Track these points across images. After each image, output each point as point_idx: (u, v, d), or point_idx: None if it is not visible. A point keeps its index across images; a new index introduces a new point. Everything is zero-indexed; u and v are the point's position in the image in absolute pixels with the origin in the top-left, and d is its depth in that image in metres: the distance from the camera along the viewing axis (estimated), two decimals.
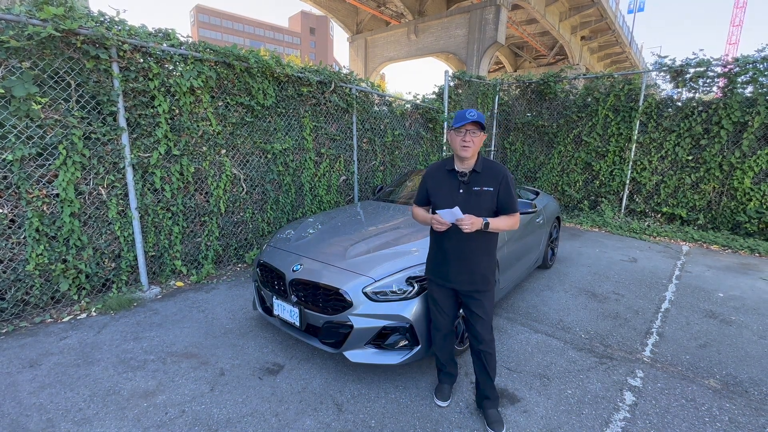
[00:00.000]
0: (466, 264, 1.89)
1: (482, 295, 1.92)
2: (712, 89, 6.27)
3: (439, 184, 1.95)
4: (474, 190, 1.85)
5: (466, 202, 1.84)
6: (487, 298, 1.92)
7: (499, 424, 1.94)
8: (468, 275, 1.90)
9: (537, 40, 27.96)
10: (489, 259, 1.92)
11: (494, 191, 1.84)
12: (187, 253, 3.90)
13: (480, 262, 1.89)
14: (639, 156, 6.83)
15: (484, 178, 1.85)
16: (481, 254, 1.89)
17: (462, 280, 1.92)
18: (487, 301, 1.92)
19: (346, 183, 5.54)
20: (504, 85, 8.51)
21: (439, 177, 1.96)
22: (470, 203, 1.83)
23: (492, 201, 1.85)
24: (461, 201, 1.84)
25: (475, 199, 1.84)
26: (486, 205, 1.84)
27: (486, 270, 1.91)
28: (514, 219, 1.87)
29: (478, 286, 1.91)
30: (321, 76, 4.81)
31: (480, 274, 1.90)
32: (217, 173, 3.99)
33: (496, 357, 2.00)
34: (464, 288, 1.93)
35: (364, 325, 2.15)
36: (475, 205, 1.83)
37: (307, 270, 2.38)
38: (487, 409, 2.00)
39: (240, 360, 2.49)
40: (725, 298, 3.77)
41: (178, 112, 3.60)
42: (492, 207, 1.86)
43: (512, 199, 1.85)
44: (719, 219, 6.24)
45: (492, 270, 1.94)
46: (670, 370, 2.51)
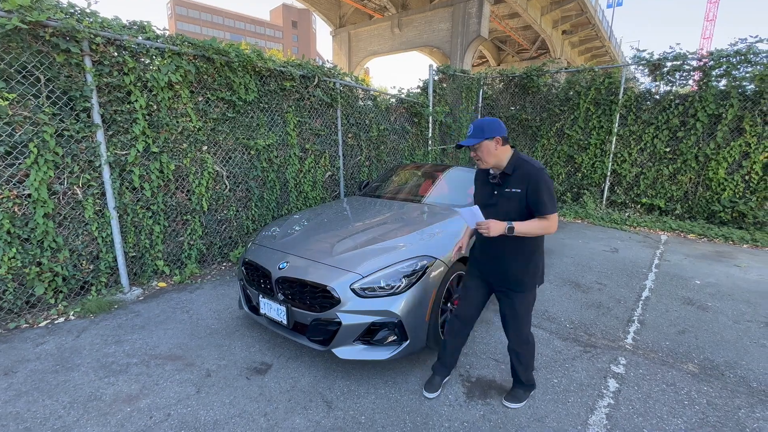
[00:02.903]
0: (499, 264, 1.94)
1: (514, 296, 1.94)
2: (688, 82, 6.44)
3: (482, 185, 2.03)
4: (505, 191, 1.86)
5: (498, 203, 1.87)
6: (519, 300, 1.93)
7: (512, 398, 2.08)
8: (501, 274, 1.95)
9: (519, 34, 28.16)
10: (524, 261, 1.90)
11: (522, 193, 1.81)
12: (169, 253, 3.81)
13: (512, 264, 1.90)
14: (619, 148, 6.98)
15: (514, 179, 1.83)
16: (513, 256, 1.89)
17: (495, 277, 1.98)
18: (518, 303, 1.93)
19: (331, 179, 5.50)
20: (488, 78, 8.55)
21: (482, 179, 2.03)
22: (501, 205, 1.86)
23: (521, 203, 1.82)
24: (495, 202, 1.89)
25: (505, 202, 1.86)
26: (515, 207, 1.83)
27: (520, 272, 1.90)
28: (547, 222, 1.78)
29: (510, 286, 1.93)
30: (304, 70, 4.74)
31: (513, 275, 1.91)
32: (199, 170, 3.89)
33: (531, 355, 2.05)
34: (496, 284, 1.99)
35: (353, 321, 2.13)
36: (506, 208, 1.85)
37: (294, 267, 2.35)
38: (513, 383, 2.14)
39: (226, 360, 2.45)
40: (702, 285, 3.90)
41: (156, 108, 3.49)
42: (521, 209, 1.83)
43: (542, 201, 1.76)
44: (695, 209, 6.44)
45: (530, 273, 1.91)
46: (651, 356, 2.58)
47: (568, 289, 3.72)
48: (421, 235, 2.59)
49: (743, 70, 5.90)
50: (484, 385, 2.26)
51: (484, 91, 8.56)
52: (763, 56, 5.70)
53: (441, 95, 7.48)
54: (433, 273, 2.31)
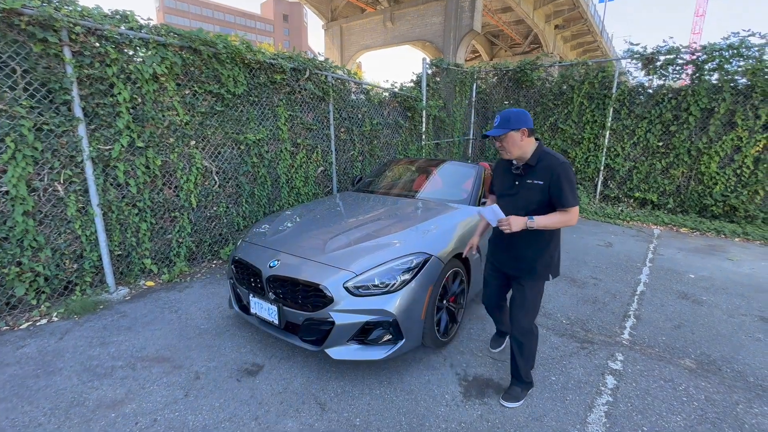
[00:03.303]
0: (513, 252, 2.00)
1: (525, 283, 1.98)
2: (681, 76, 6.44)
3: (502, 174, 2.05)
4: (527, 183, 1.88)
5: (518, 194, 1.91)
6: (529, 288, 1.97)
7: (509, 397, 2.05)
8: (514, 262, 2.01)
9: (512, 28, 28.11)
10: (538, 250, 1.93)
11: (545, 185, 1.83)
12: (157, 251, 3.70)
13: (526, 252, 1.95)
14: (612, 143, 6.98)
15: (537, 171, 1.86)
16: (526, 245, 1.94)
17: (509, 266, 2.05)
18: (529, 290, 1.97)
19: (324, 174, 5.40)
20: (481, 72, 8.49)
21: (503, 168, 2.06)
22: (522, 195, 1.90)
23: (542, 195, 1.84)
24: (515, 193, 1.93)
25: (525, 192, 1.89)
26: (536, 198, 1.86)
27: (534, 261, 1.94)
28: (568, 215, 1.81)
29: (522, 272, 1.99)
30: (295, 62, 4.62)
31: (526, 263, 1.96)
32: (187, 166, 3.78)
33: (533, 347, 2.05)
34: (510, 272, 2.06)
35: (346, 321, 2.07)
36: (526, 198, 1.88)
37: (285, 265, 2.27)
38: (511, 381, 2.12)
39: (216, 362, 2.37)
40: (696, 279, 3.91)
41: (141, 101, 3.37)
42: (543, 201, 1.85)
43: (563, 194, 1.79)
44: (687, 203, 6.47)
45: (543, 262, 1.94)
46: (648, 352, 2.56)
47: (564, 284, 3.70)
48: (416, 231, 2.52)
49: (735, 64, 5.91)
50: (482, 383, 2.21)
51: (478, 85, 8.50)
52: (755, 50, 5.71)
53: (434, 89, 7.40)
54: (429, 270, 2.25)
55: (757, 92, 5.68)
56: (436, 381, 2.22)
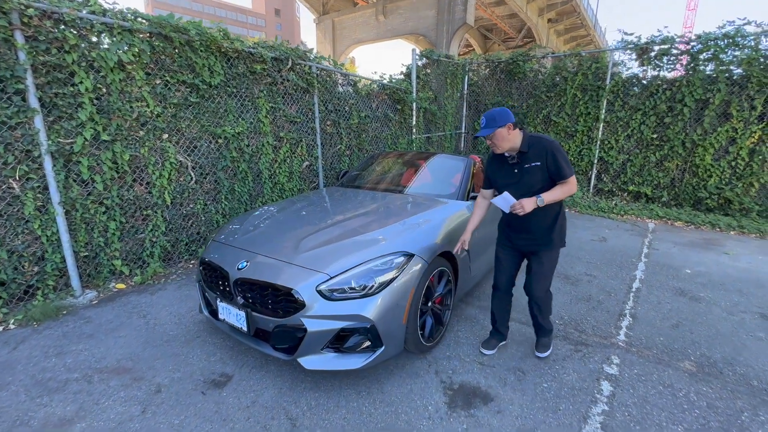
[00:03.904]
0: (529, 230, 2.14)
1: (543, 253, 2.15)
2: (675, 67, 6.30)
3: (498, 169, 2.19)
4: (525, 167, 2.04)
5: (522, 179, 2.06)
6: (546, 256, 2.15)
7: (542, 348, 2.34)
8: (531, 237, 2.15)
9: (506, 22, 27.88)
10: (551, 222, 2.11)
11: (542, 164, 2.01)
12: (128, 251, 3.49)
13: (541, 227, 2.11)
14: (606, 135, 6.84)
15: (531, 154, 2.02)
16: (540, 221, 2.10)
17: (525, 241, 2.19)
18: (546, 259, 2.15)
19: (309, 169, 5.20)
20: (473, 64, 8.30)
21: (497, 163, 2.20)
22: (525, 180, 2.05)
23: (542, 173, 2.02)
24: (518, 179, 2.07)
25: (528, 176, 2.05)
26: (538, 178, 2.03)
27: (549, 233, 2.12)
28: (568, 185, 2.00)
29: (540, 245, 2.15)
30: (276, 52, 4.40)
31: (542, 237, 2.13)
32: (159, 161, 3.56)
33: (550, 305, 2.30)
34: (527, 247, 2.19)
35: (320, 327, 1.89)
36: (529, 181, 2.05)
37: (254, 267, 2.08)
38: (537, 336, 2.39)
39: (182, 372, 2.19)
40: (692, 274, 3.78)
41: (106, 91, 3.14)
42: (545, 179, 2.03)
43: (560, 167, 1.98)
44: (682, 196, 6.36)
45: (557, 231, 2.13)
46: (646, 354, 2.41)
47: (557, 281, 3.54)
48: (398, 228, 2.34)
49: (731, 53, 5.78)
50: (468, 392, 2.05)
51: (470, 77, 8.31)
52: (751, 39, 5.58)
53: (425, 81, 7.20)
54: (411, 270, 2.08)
55: (753, 82, 5.55)
56: (419, 390, 2.05)
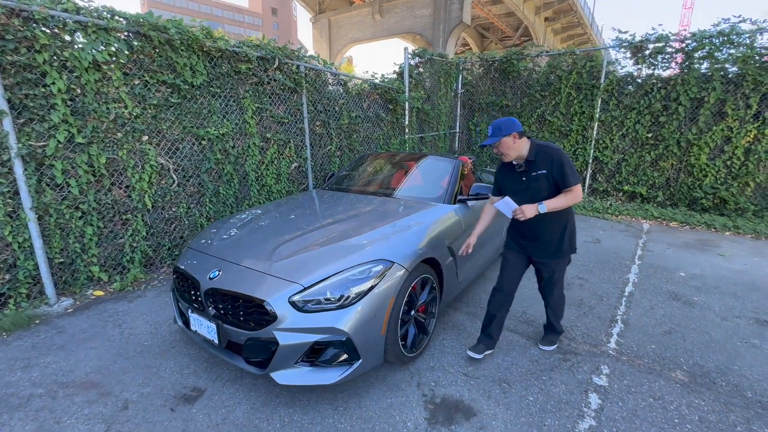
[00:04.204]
0: (539, 238, 2.18)
1: (554, 264, 2.22)
2: (670, 65, 6.22)
3: (507, 176, 2.24)
4: (533, 175, 2.09)
5: (529, 187, 2.11)
6: (558, 267, 2.23)
7: (547, 342, 2.46)
8: (542, 247, 2.19)
9: (502, 21, 27.79)
10: (560, 231, 2.15)
11: (548, 172, 2.05)
12: (107, 257, 3.39)
13: (551, 236, 2.16)
14: (601, 134, 6.76)
15: (538, 163, 2.07)
16: (550, 229, 2.14)
17: (535, 249, 2.22)
18: (557, 269, 2.24)
19: (298, 170, 5.10)
20: (467, 63, 8.20)
21: (506, 171, 2.25)
22: (532, 187, 2.10)
23: (549, 181, 2.06)
24: (525, 187, 2.13)
25: (535, 184, 2.09)
26: (544, 185, 2.07)
27: (560, 243, 2.16)
28: (572, 193, 2.03)
29: (551, 255, 2.20)
30: (262, 51, 4.29)
31: (553, 245, 2.17)
32: (139, 163, 3.46)
33: (563, 307, 2.44)
34: (537, 256, 2.24)
35: (292, 341, 1.80)
36: (536, 189, 2.09)
37: (226, 277, 1.99)
38: (545, 332, 2.52)
39: (152, 386, 2.09)
40: (686, 277, 3.70)
41: (81, 92, 3.04)
42: (551, 186, 2.07)
43: (565, 176, 2.01)
44: (677, 195, 6.29)
45: (567, 241, 2.17)
46: (636, 363, 2.33)
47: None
48: (379, 234, 2.25)
49: (726, 51, 5.70)
50: (450, 406, 1.96)
51: (464, 76, 8.22)
52: (746, 37, 5.51)
53: (418, 81, 7.10)
54: (390, 279, 1.99)
55: (748, 81, 5.48)
56: (398, 405, 1.96)
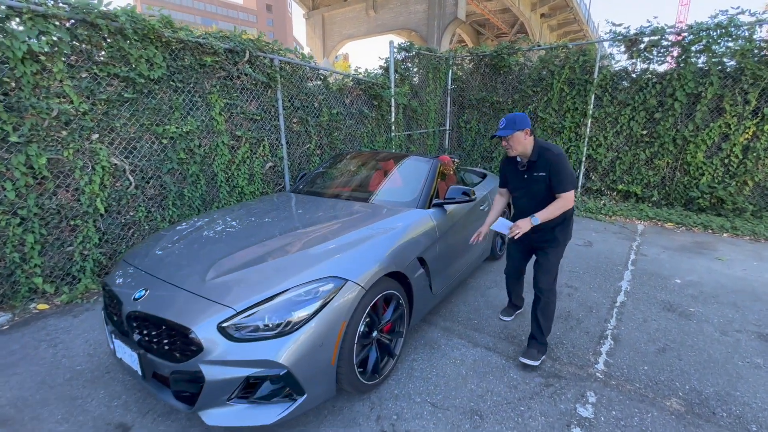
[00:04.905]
0: (538, 232, 2.23)
1: (549, 249, 2.27)
2: (666, 59, 5.97)
3: (511, 171, 2.34)
4: (534, 176, 2.18)
5: (529, 186, 2.22)
6: (552, 252, 2.27)
7: (529, 356, 2.25)
8: (540, 237, 2.28)
9: (498, 17, 27.49)
10: (558, 224, 2.22)
11: (546, 176, 2.14)
12: (53, 267, 3.10)
13: (549, 228, 2.23)
14: (594, 132, 6.52)
15: (539, 164, 2.15)
16: (549, 224, 2.19)
17: (535, 240, 2.33)
18: (552, 254, 2.27)
19: (273, 170, 4.82)
20: (457, 58, 7.92)
21: (511, 165, 2.34)
22: (532, 188, 2.21)
23: (546, 184, 2.15)
24: (526, 186, 2.24)
25: (535, 185, 2.19)
26: (543, 187, 2.17)
27: (554, 233, 2.24)
28: (563, 200, 2.11)
29: (548, 243, 2.28)
30: (230, 43, 4.00)
31: (550, 235, 2.25)
32: (89, 164, 3.17)
33: (552, 307, 2.33)
34: (536, 243, 2.34)
35: (221, 376, 1.53)
36: (535, 189, 2.20)
37: (152, 298, 1.71)
38: (528, 345, 2.34)
39: (71, 423, 1.82)
40: (683, 284, 3.45)
41: (16, 86, 2.74)
42: (547, 188, 2.16)
43: (559, 182, 2.10)
44: (673, 195, 6.06)
45: (563, 232, 2.26)
46: (627, 389, 2.08)
47: None
48: (335, 245, 1.97)
49: (724, 45, 5.45)
50: None
51: (454, 71, 7.94)
52: (745, 29, 5.26)
53: (405, 76, 6.82)
54: (342, 300, 1.72)
55: (747, 75, 5.24)
56: None
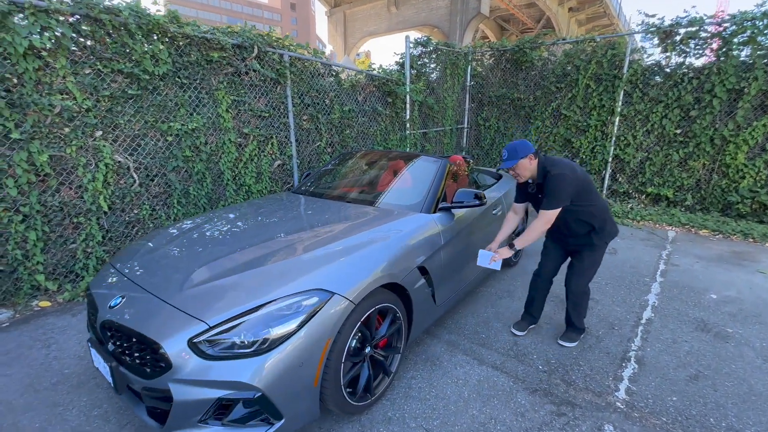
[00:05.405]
0: (572, 238, 2.36)
1: (584, 251, 2.35)
2: (704, 52, 5.51)
3: (525, 191, 2.42)
4: (539, 197, 2.26)
5: (538, 203, 2.28)
6: (587, 255, 2.34)
7: (567, 339, 2.47)
8: (574, 242, 2.37)
9: (523, 12, 26.70)
10: (590, 229, 2.28)
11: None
12: (56, 264, 3.09)
13: (581, 234, 2.31)
14: (623, 131, 6.10)
15: (544, 186, 2.21)
16: (579, 230, 2.30)
17: (571, 244, 2.41)
18: (587, 258, 2.35)
19: (282, 169, 4.72)
20: (477, 53, 7.62)
21: (524, 186, 2.41)
22: (539, 205, 2.25)
23: None
24: (537, 202, 2.29)
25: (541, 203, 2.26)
26: None
27: (589, 238, 2.29)
28: (539, 221, 2.18)
29: (580, 246, 2.35)
30: (238, 38, 3.91)
31: (584, 240, 2.32)
32: (92, 161, 3.14)
33: (585, 305, 2.44)
34: (571, 246, 2.42)
35: (191, 396, 1.40)
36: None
37: (127, 306, 1.61)
38: (566, 328, 2.54)
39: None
40: (719, 300, 3.12)
41: (17, 82, 2.72)
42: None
43: (545, 201, 2.18)
44: (709, 199, 5.60)
45: (598, 236, 2.28)
46: (652, 423, 1.83)
47: (550, 308, 2.96)
48: (324, 253, 1.81)
49: None
50: None
51: (473, 67, 7.65)
52: None
53: (421, 72, 6.60)
54: (327, 315, 1.56)
55: None
56: None
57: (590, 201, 2.23)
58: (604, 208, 2.28)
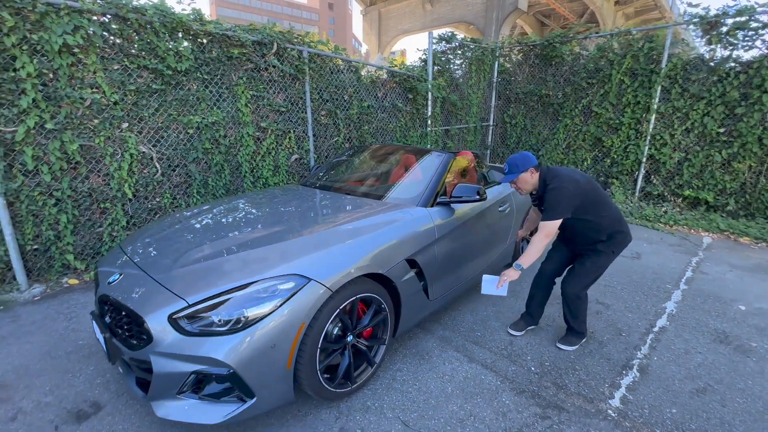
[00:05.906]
0: (578, 243, 2.36)
1: (588, 255, 2.30)
2: (755, 44, 5.05)
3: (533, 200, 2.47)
4: (541, 209, 2.31)
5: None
6: (589, 260, 2.29)
7: (565, 342, 2.40)
8: (580, 246, 2.35)
9: (565, 6, 25.55)
10: (596, 237, 2.25)
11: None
12: (84, 246, 3.35)
13: (587, 241, 2.29)
14: (659, 129, 5.73)
15: (543, 199, 2.21)
16: (585, 237, 2.29)
17: (577, 248, 2.39)
18: (589, 261, 2.29)
19: (299, 163, 4.83)
20: (504, 49, 7.42)
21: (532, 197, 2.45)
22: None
23: None
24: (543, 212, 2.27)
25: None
26: None
27: (594, 244, 2.26)
28: (540, 234, 2.15)
29: (586, 250, 2.32)
30: (258, 35, 4.05)
31: (589, 246, 2.30)
32: (118, 151, 3.37)
33: (581, 309, 2.35)
34: (576, 249, 2.39)
35: (168, 369, 1.48)
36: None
37: (122, 283, 1.73)
38: (566, 331, 2.47)
39: (55, 395, 1.91)
40: (747, 312, 2.87)
41: (53, 77, 2.97)
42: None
43: (545, 215, 2.16)
44: (755, 204, 5.15)
45: (605, 243, 2.24)
46: None
47: (555, 310, 2.85)
48: (307, 242, 1.85)
49: None
50: None
51: (500, 63, 7.45)
52: None
53: (445, 68, 6.52)
54: (302, 300, 1.60)
55: None
56: None
57: (599, 213, 2.18)
58: (616, 219, 2.23)
